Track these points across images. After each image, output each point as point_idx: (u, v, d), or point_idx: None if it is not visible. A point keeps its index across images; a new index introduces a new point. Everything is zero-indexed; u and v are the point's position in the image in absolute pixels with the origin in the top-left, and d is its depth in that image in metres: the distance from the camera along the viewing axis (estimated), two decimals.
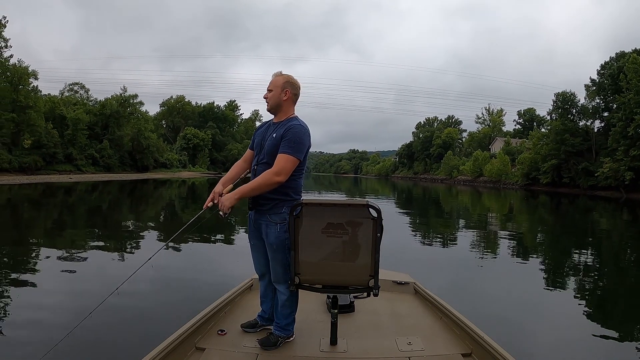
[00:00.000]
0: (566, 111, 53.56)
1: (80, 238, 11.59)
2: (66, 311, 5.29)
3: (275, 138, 2.99)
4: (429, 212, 23.65)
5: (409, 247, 11.11)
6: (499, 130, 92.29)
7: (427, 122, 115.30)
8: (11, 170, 47.93)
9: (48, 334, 4.35)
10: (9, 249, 9.78)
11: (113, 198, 28.56)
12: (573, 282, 8.20)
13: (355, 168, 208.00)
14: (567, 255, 11.13)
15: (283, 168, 2.88)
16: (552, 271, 9.02)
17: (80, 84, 76.47)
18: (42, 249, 10.09)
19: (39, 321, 5.00)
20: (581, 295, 7.21)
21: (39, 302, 5.83)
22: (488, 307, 6.10)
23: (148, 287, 3.18)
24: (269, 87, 3.12)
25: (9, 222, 15.43)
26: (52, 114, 58.90)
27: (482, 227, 16.42)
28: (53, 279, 7.09)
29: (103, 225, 15.04)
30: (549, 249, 12.44)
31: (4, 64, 51.25)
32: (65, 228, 14.24)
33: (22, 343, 4.30)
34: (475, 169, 75.31)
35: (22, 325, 4.79)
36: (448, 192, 47.75)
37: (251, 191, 2.94)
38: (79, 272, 7.59)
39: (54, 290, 6.42)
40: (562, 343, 4.89)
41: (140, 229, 14.36)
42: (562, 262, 10.17)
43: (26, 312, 5.33)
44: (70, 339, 2.81)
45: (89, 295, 5.85)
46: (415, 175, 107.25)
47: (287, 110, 3.11)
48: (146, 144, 73.28)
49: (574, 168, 50.37)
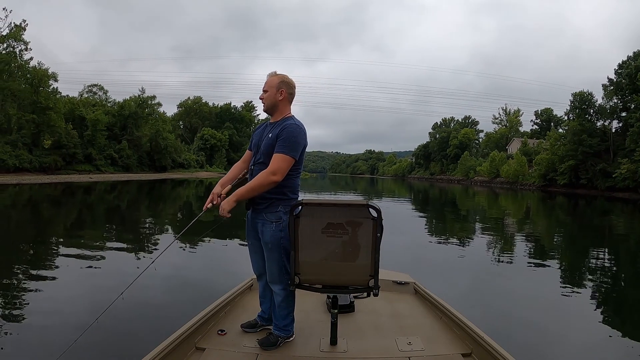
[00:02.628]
0: (584, 111, 52.76)
1: (96, 236, 11.76)
2: (77, 308, 5.38)
3: (271, 138, 3.00)
4: (444, 213, 23.49)
5: (421, 248, 11.10)
6: (516, 131, 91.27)
7: (443, 122, 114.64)
8: (32, 170, 48.92)
9: (53, 334, 4.48)
10: (28, 246, 10.02)
11: (131, 198, 28.95)
12: (575, 282, 8.14)
13: (371, 169, 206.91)
14: (574, 257, 11.04)
15: (279, 167, 2.89)
16: (555, 272, 8.90)
17: (99, 86, 77.49)
18: (60, 246, 10.30)
19: (53, 317, 5.08)
20: (582, 296, 7.16)
21: (54, 297, 5.97)
22: (488, 307, 6.10)
23: (148, 287, 3.24)
24: (264, 88, 3.12)
25: (29, 220, 15.79)
26: (72, 115, 60.01)
27: (496, 229, 16.25)
28: (68, 275, 7.23)
29: (120, 224, 15.27)
30: (559, 250, 12.28)
31: (24, 66, 52.27)
32: (84, 226, 14.52)
33: (28, 344, 4.35)
34: (492, 170, 74.53)
35: (31, 325, 4.84)
36: (464, 193, 47.36)
37: (248, 193, 2.95)
38: (93, 269, 7.74)
39: (68, 287, 6.56)
40: (563, 343, 4.88)
41: (156, 227, 14.56)
42: (567, 263, 10.09)
43: (39, 309, 5.42)
44: (70, 340, 2.83)
45: (99, 292, 6.02)
46: (432, 176, 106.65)
47: (283, 110, 3.12)
48: (164, 144, 74.15)
49: (592, 169, 49.55)
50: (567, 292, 7.24)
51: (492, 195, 43.01)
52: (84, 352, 3.77)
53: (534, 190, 56.01)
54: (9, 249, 9.99)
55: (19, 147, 48.87)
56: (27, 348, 4.26)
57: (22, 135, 50.29)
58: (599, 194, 46.31)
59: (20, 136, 50.01)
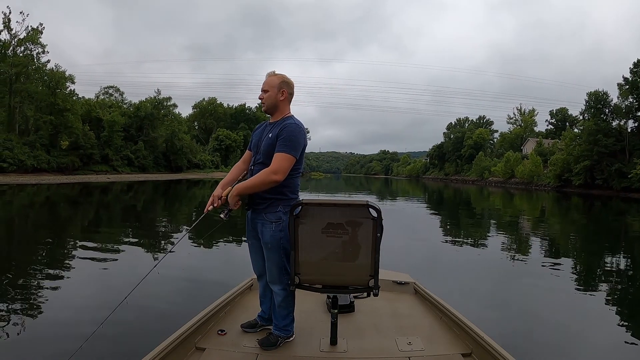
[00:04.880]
0: (599, 111, 52.03)
1: (109, 236, 11.94)
2: (82, 309, 5.46)
3: (271, 138, 3.00)
4: (457, 214, 23.37)
5: (430, 248, 11.13)
6: (531, 131, 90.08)
7: (458, 122, 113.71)
8: (50, 170, 49.90)
9: (61, 333, 4.57)
10: (42, 245, 10.29)
11: (147, 198, 29.29)
12: (575, 282, 8.11)
13: (385, 169, 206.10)
14: (577, 256, 10.98)
15: (280, 167, 2.89)
16: (557, 272, 8.77)
17: (115, 87, 78.57)
18: (72, 245, 10.46)
19: (63, 314, 5.21)
20: (583, 296, 7.15)
21: (63, 295, 6.13)
22: (489, 307, 6.11)
23: (149, 287, 3.30)
24: (264, 88, 3.11)
25: (46, 218, 16.19)
26: (89, 116, 61.12)
27: (508, 231, 16.04)
28: (78, 275, 7.41)
29: (134, 223, 15.54)
30: (564, 250, 12.11)
31: (42, 68, 53.21)
32: (99, 225, 14.77)
33: (30, 343, 4.41)
34: (506, 170, 73.66)
35: (36, 325, 4.91)
36: (479, 194, 46.94)
37: (248, 189, 2.97)
38: (102, 269, 7.90)
39: (77, 286, 6.71)
40: (563, 343, 4.87)
41: (170, 227, 14.74)
42: (569, 263, 9.99)
43: (48, 307, 5.54)
44: (71, 341, 2.88)
45: (105, 291, 6.22)
46: (446, 177, 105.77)
47: (283, 110, 3.12)
48: (180, 145, 75.00)
49: (607, 169, 48.79)
50: (568, 292, 7.21)
51: (506, 196, 42.54)
52: (84, 352, 3.77)
53: (549, 190, 55.27)
54: (22, 247, 10.28)
55: (37, 148, 49.90)
56: (28, 348, 4.30)
57: (40, 136, 51.38)
58: (614, 194, 45.58)
59: (38, 137, 51.05)
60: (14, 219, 16.00)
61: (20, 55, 51.45)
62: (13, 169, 45.36)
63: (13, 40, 51.41)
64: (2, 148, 45.43)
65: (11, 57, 50.62)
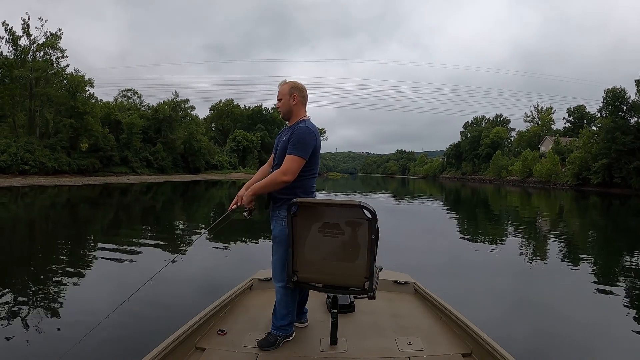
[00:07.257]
0: (617, 108, 51.20)
1: (127, 235, 12.17)
2: (83, 307, 5.59)
3: (284, 141, 3.17)
4: (474, 213, 23.25)
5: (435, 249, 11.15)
6: (549, 129, 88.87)
7: (475, 121, 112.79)
8: (70, 172, 50.81)
9: (60, 335, 4.63)
10: (60, 245, 10.57)
11: (166, 198, 29.60)
12: (576, 282, 8.01)
13: (402, 169, 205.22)
14: (580, 256, 10.84)
15: (289, 168, 3.03)
16: (559, 272, 8.72)
17: (133, 90, 79.75)
18: (89, 245, 10.68)
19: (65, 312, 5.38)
20: (583, 296, 7.06)
21: (73, 294, 6.27)
22: (489, 306, 6.11)
23: (149, 287, 3.41)
24: (278, 97, 3.30)
25: (66, 218, 16.58)
26: (108, 119, 62.05)
27: (520, 231, 15.85)
28: (93, 273, 7.64)
29: (153, 223, 15.82)
30: (570, 250, 11.79)
31: (61, 73, 54.16)
32: (119, 225, 15.04)
33: (32, 342, 4.46)
34: (524, 169, 72.80)
35: (37, 323, 4.97)
36: (496, 193, 46.42)
37: (261, 189, 3.15)
38: (120, 266, 8.06)
39: (90, 284, 6.90)
40: (563, 343, 4.85)
41: (187, 226, 14.94)
42: (571, 264, 9.85)
43: (54, 305, 5.70)
44: (71, 342, 2.95)
45: (112, 289, 6.42)
46: (464, 176, 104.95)
47: (298, 113, 3.27)
48: (198, 146, 75.74)
49: (626, 167, 47.98)
50: (568, 292, 7.19)
51: (524, 196, 42.02)
52: (84, 351, 3.84)
53: (567, 189, 54.37)
54: (38, 247, 10.56)
55: (57, 151, 50.88)
56: (29, 347, 4.35)
57: (60, 139, 52.35)
58: (633, 193, 44.87)
59: (58, 140, 52.03)
60: (35, 219, 16.34)
61: (39, 60, 52.44)
62: (34, 171, 46.36)
63: (32, 45, 52.49)
64: (23, 151, 46.39)
65: (31, 62, 51.60)
